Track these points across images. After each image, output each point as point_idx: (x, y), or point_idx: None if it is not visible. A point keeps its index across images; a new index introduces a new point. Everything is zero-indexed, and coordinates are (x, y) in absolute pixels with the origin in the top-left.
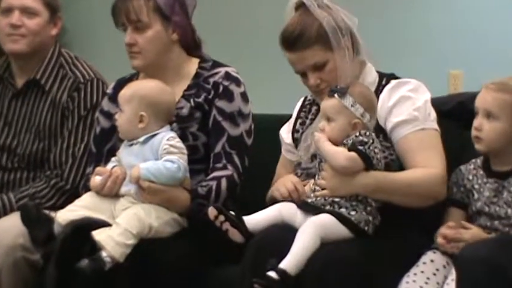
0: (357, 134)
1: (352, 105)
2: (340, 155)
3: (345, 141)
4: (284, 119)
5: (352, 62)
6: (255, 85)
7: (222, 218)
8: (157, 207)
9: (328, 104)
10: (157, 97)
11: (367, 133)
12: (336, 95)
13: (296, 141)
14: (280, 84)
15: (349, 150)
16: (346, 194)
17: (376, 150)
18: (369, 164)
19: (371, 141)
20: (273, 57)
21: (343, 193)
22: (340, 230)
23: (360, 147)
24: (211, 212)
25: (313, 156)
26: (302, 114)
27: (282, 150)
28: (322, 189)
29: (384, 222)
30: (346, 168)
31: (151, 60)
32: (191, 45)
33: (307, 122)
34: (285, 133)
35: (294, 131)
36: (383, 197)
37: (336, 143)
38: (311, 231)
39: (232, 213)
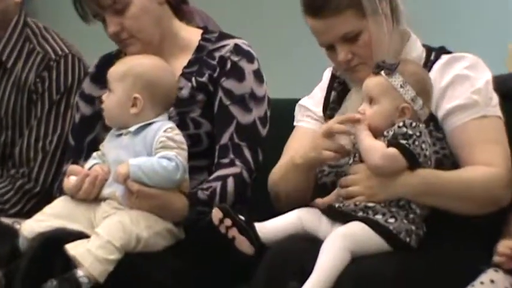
0: (400, 124)
1: (401, 86)
2: (375, 151)
3: (385, 133)
4: None
5: (391, 33)
6: (270, 64)
7: (228, 222)
8: (148, 214)
9: (372, 82)
10: (156, 77)
11: (414, 124)
12: (382, 73)
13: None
14: (300, 63)
15: (389, 144)
16: (388, 198)
17: (423, 146)
18: (413, 163)
19: (417, 133)
20: (292, 29)
21: (383, 198)
22: (376, 242)
23: (403, 142)
24: (216, 214)
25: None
26: (333, 93)
27: (302, 121)
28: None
29: (430, 233)
30: (380, 169)
31: (150, 39)
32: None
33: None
34: (312, 105)
35: (326, 110)
36: (432, 201)
37: (377, 130)
38: (339, 244)
39: (242, 217)
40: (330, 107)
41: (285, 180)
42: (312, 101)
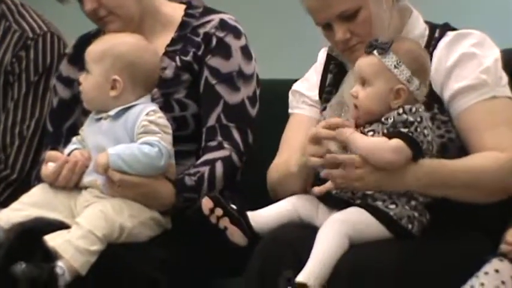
0: (400, 111)
1: (395, 67)
2: (383, 147)
3: (383, 119)
4: None
5: (391, 9)
6: (260, 42)
7: (219, 211)
8: (132, 203)
9: (365, 62)
10: (137, 57)
11: (413, 109)
12: (375, 52)
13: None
14: (294, 41)
15: (390, 135)
16: (394, 191)
17: (425, 132)
18: (417, 152)
19: (418, 119)
20: (285, 4)
21: (389, 191)
22: (375, 229)
23: (404, 130)
24: (206, 203)
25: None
26: (329, 75)
27: (297, 108)
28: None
29: (433, 221)
30: (393, 164)
31: (130, 15)
32: None
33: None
34: (306, 90)
35: (322, 93)
36: (439, 192)
37: (371, 114)
38: (336, 229)
39: (233, 206)
40: (326, 91)
41: (282, 185)
42: (307, 85)
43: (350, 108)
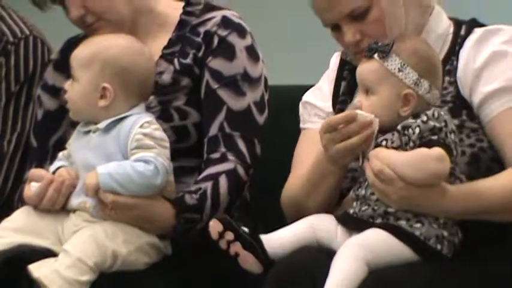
0: (424, 118)
1: (400, 70)
2: (428, 156)
3: (399, 128)
4: None
5: (408, 5)
6: (267, 43)
7: (230, 235)
8: (126, 226)
9: (366, 68)
10: (129, 62)
11: (435, 114)
12: (375, 56)
13: None
14: (305, 42)
15: (427, 144)
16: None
17: (453, 137)
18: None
19: (443, 124)
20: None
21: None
22: (399, 251)
23: (433, 138)
24: (214, 226)
25: None
26: (343, 83)
27: (309, 122)
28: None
29: (466, 240)
30: (439, 175)
31: (121, 20)
32: None
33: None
34: (318, 100)
35: (336, 104)
36: (473, 217)
37: (380, 124)
38: (352, 255)
39: (245, 229)
40: (340, 100)
41: (312, 186)
42: (319, 95)
43: None
